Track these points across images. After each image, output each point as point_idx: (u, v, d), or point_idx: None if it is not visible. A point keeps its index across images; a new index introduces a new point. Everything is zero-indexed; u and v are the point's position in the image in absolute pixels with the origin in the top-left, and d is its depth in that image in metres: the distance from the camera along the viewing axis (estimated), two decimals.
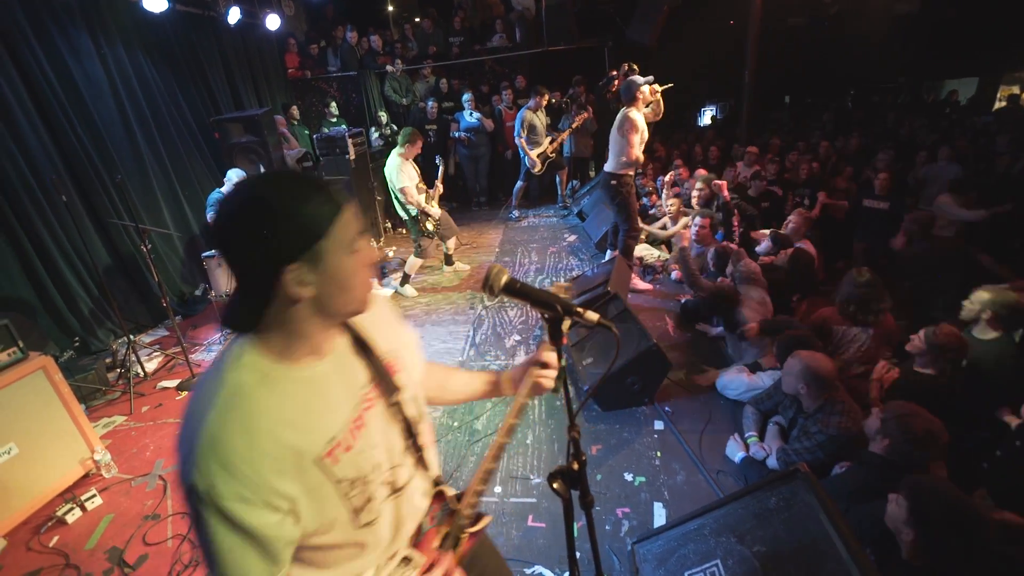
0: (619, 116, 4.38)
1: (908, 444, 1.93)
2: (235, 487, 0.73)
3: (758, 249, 4.32)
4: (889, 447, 1.99)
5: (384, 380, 0.98)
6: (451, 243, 5.34)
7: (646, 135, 4.37)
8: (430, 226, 4.87)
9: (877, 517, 1.72)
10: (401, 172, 4.62)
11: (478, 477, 1.07)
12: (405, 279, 5.11)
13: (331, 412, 0.86)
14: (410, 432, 1.03)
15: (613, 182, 4.52)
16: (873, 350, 2.90)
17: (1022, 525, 1.79)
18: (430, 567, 1.02)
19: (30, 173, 3.92)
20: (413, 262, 5.06)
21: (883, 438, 2.01)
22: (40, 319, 3.96)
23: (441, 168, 5.18)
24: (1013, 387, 2.42)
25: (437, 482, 1.13)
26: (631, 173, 4.54)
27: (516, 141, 6.66)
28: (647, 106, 4.47)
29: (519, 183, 7.15)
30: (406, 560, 1.03)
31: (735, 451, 2.63)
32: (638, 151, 4.34)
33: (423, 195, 4.79)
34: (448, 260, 5.52)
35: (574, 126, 6.86)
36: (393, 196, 4.82)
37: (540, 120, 6.71)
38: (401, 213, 4.90)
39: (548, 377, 1.10)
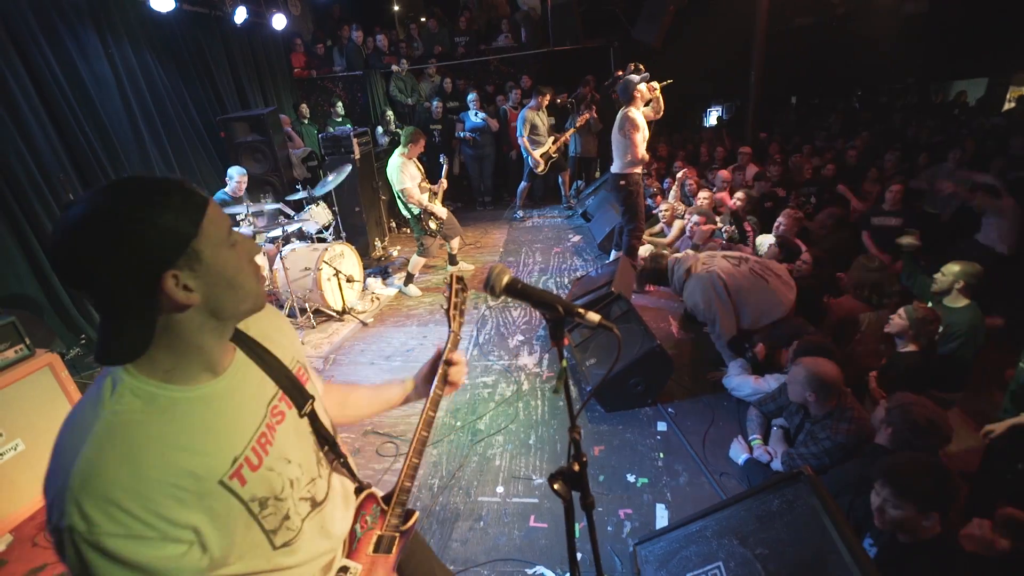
0: (619, 116, 4.39)
1: (910, 432, 1.96)
2: (121, 523, 0.65)
3: (762, 252, 4.30)
4: (892, 435, 2.02)
5: (294, 390, 0.93)
6: (455, 243, 5.34)
7: (647, 133, 4.38)
8: (433, 225, 4.88)
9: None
10: (402, 172, 4.63)
11: (404, 473, 1.07)
12: (409, 279, 5.12)
13: (232, 431, 0.80)
14: (327, 441, 0.99)
15: (622, 182, 4.53)
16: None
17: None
18: None
19: (37, 171, 3.95)
20: (416, 261, 5.07)
21: (886, 427, 2.04)
22: (47, 317, 4.00)
23: (445, 166, 5.20)
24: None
25: (362, 488, 1.12)
26: (638, 171, 4.54)
27: (519, 141, 6.66)
28: (646, 104, 4.48)
29: (523, 183, 7.15)
30: (343, 570, 1.01)
31: (739, 453, 2.62)
32: (642, 149, 4.36)
33: (426, 193, 4.80)
34: (452, 260, 5.53)
35: (577, 126, 6.85)
36: (396, 195, 4.83)
37: (542, 120, 6.71)
38: (404, 212, 4.91)
39: (461, 373, 1.17)
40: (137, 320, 0.71)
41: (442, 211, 4.91)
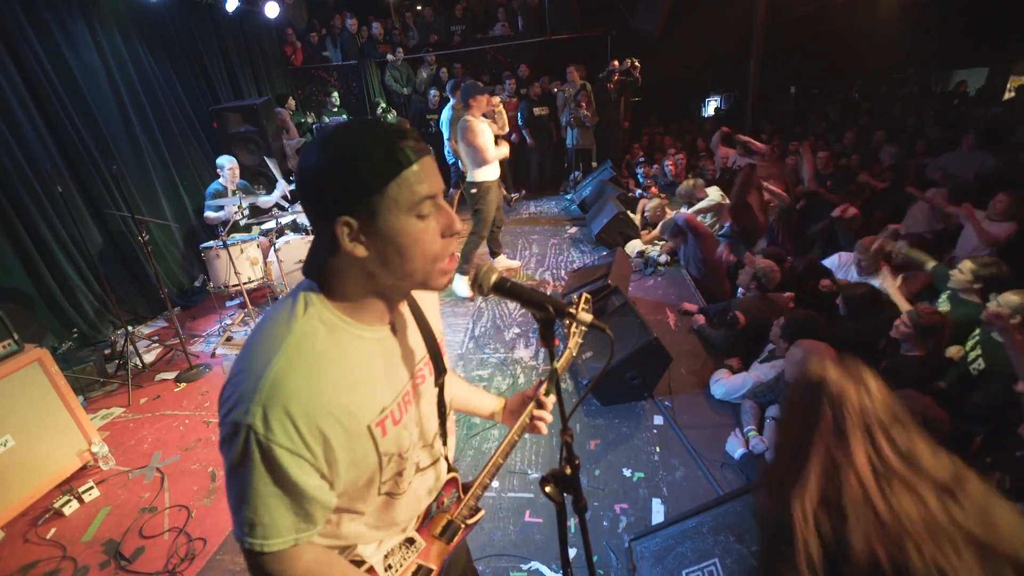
0: (459, 124, 4.23)
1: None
2: (291, 438, 0.71)
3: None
4: None
5: (436, 359, 0.98)
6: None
7: (489, 135, 4.26)
8: None
9: None
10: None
11: (486, 471, 1.10)
12: None
13: (388, 381, 0.85)
14: (442, 415, 1.03)
15: (473, 190, 4.40)
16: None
17: None
18: (417, 569, 1.03)
19: (26, 163, 3.89)
20: None
21: None
22: (38, 310, 3.96)
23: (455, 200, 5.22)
24: None
25: (451, 468, 1.13)
26: (491, 180, 4.42)
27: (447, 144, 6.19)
28: (486, 116, 4.39)
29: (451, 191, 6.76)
30: (409, 541, 1.03)
31: (735, 447, 2.61)
32: (491, 154, 4.26)
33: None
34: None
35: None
36: None
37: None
38: None
39: (544, 422, 1.16)
40: (322, 246, 0.77)
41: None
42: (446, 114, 5.97)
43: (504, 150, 4.40)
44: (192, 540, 2.41)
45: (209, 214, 4.58)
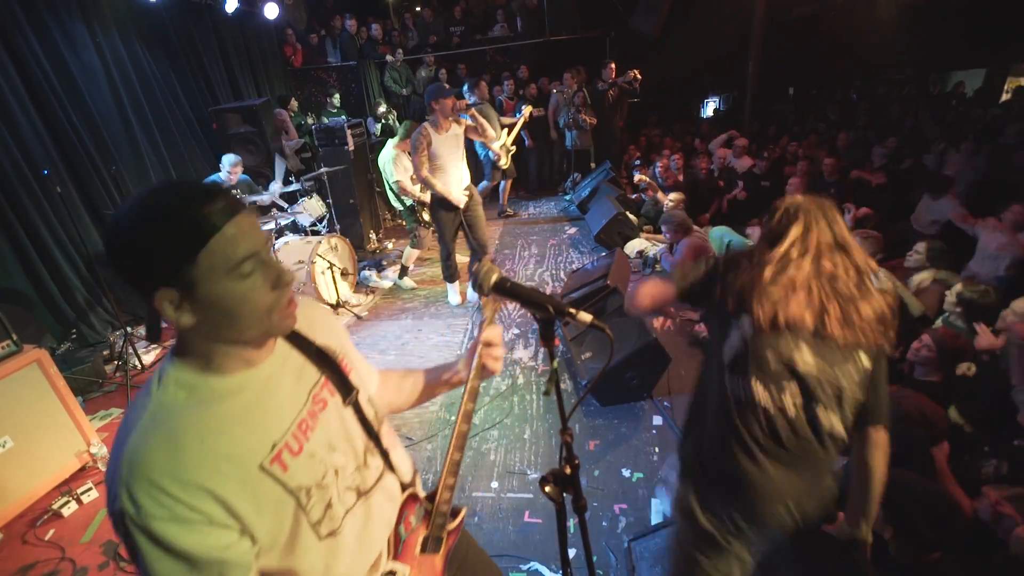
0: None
1: (902, 424, 1.93)
2: (165, 506, 0.67)
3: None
4: None
5: (337, 378, 0.93)
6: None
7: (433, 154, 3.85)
8: (426, 216, 4.83)
9: None
10: (396, 164, 4.59)
11: (446, 469, 1.03)
12: (403, 271, 5.09)
13: (271, 417, 0.81)
14: (371, 433, 0.99)
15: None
16: None
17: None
18: None
19: (25, 164, 3.89)
20: (410, 253, 5.03)
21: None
22: (37, 311, 3.95)
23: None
24: None
25: (406, 487, 1.08)
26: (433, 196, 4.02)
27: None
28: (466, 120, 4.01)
29: (484, 183, 6.57)
30: (391, 574, 0.98)
31: None
32: (419, 175, 3.91)
33: (419, 185, 4.76)
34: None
35: (524, 119, 6.40)
36: (387, 186, 4.78)
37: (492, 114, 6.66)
38: (396, 204, 4.88)
39: (495, 357, 1.07)
40: (149, 314, 0.74)
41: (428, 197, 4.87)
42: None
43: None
44: None
45: None
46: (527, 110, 6.39)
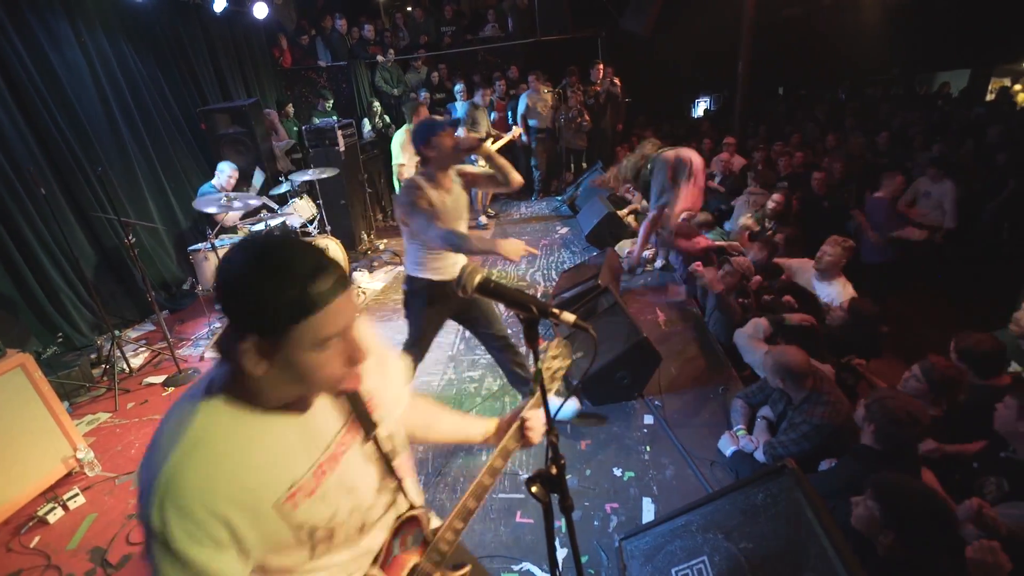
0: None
1: (892, 426, 1.96)
2: (187, 530, 0.73)
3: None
4: (875, 432, 2.02)
5: (362, 419, 0.95)
6: None
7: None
8: None
9: None
10: (404, 149, 4.54)
11: (457, 512, 1.03)
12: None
13: (298, 457, 0.84)
14: (388, 468, 1.00)
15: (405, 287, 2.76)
16: None
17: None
18: None
19: (8, 164, 3.83)
20: None
21: (868, 424, 2.05)
22: (22, 314, 3.89)
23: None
24: None
25: (413, 507, 1.08)
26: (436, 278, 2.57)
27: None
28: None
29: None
30: None
31: (727, 445, 2.62)
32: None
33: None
34: None
35: (513, 137, 6.24)
36: (394, 174, 4.76)
37: (484, 115, 6.68)
38: (398, 189, 4.84)
39: (535, 432, 1.12)
40: (232, 341, 0.75)
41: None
42: (461, 108, 6.68)
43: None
44: None
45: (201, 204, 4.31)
46: (516, 131, 6.34)
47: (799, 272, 3.81)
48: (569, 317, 0.85)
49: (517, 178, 2.45)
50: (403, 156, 4.61)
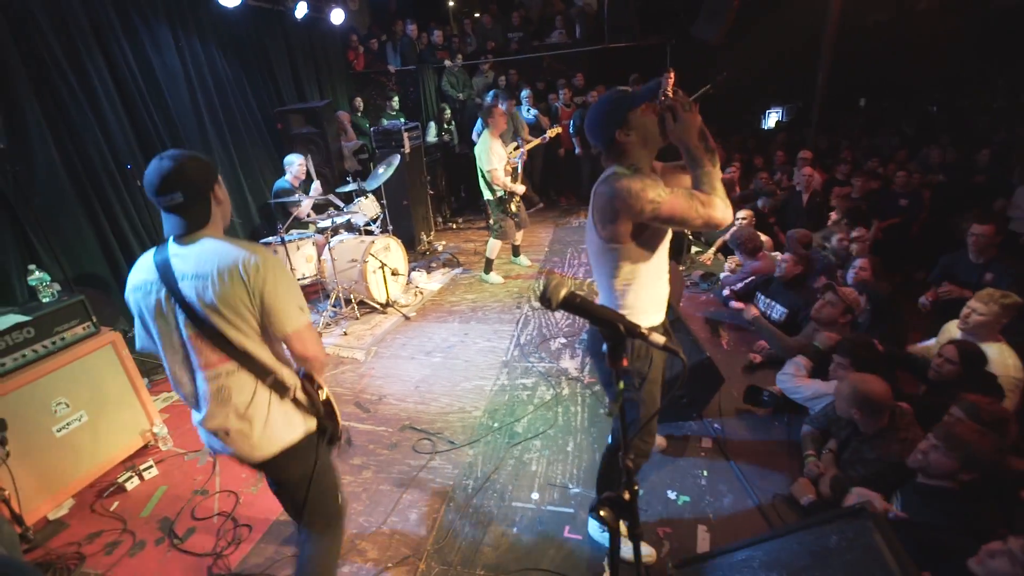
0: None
1: (974, 460, 1.85)
2: None
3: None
4: (958, 464, 1.88)
5: None
6: (519, 235, 5.32)
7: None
8: (514, 207, 4.90)
9: None
10: (491, 153, 4.63)
11: None
12: (488, 265, 5.13)
13: None
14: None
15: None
16: None
17: None
18: None
19: (112, 159, 4.17)
20: (493, 245, 5.06)
21: (953, 462, 1.88)
22: (114, 296, 4.22)
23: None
24: None
25: None
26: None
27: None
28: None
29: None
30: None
31: (802, 493, 2.35)
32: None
33: (508, 176, 4.81)
34: (515, 251, 5.51)
35: (545, 139, 5.87)
36: (480, 175, 4.84)
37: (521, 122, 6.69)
38: (486, 194, 4.91)
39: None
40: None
41: (521, 188, 4.95)
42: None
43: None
44: (238, 526, 2.49)
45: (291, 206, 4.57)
46: (552, 131, 5.86)
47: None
48: (659, 339, 0.81)
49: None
50: (492, 160, 4.64)
